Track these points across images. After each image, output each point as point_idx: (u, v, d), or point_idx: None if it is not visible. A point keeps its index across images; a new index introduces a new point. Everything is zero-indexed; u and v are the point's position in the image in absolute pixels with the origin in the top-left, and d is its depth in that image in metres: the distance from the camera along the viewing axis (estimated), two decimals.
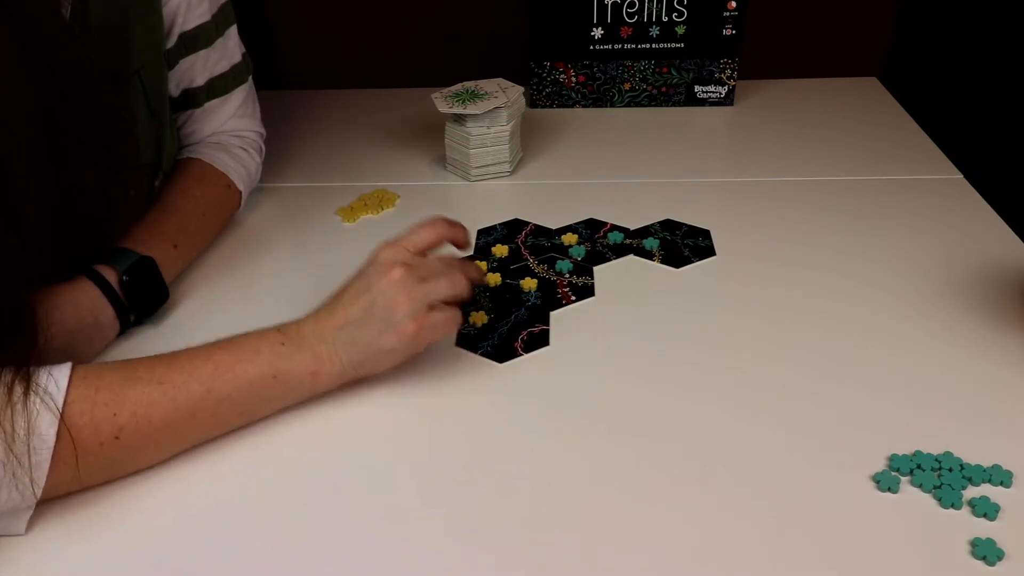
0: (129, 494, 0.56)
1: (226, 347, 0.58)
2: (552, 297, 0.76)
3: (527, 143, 1.03)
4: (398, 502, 0.56)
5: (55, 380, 0.52)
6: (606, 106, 1.14)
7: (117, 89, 0.70)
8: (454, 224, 0.66)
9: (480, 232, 0.86)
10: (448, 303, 0.62)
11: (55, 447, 0.51)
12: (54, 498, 0.54)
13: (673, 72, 1.11)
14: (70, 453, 0.52)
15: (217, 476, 0.58)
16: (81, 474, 0.53)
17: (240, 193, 0.86)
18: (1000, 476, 0.55)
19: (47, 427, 0.51)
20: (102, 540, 0.53)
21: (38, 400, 0.51)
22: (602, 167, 0.99)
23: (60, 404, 0.51)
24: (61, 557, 0.52)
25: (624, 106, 1.14)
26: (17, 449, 0.50)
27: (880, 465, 0.57)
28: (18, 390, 0.50)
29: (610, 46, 1.09)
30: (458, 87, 0.95)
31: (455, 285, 0.62)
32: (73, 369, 0.53)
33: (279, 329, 0.60)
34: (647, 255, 0.82)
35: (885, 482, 0.55)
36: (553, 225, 0.87)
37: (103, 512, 0.55)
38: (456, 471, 0.58)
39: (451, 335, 0.70)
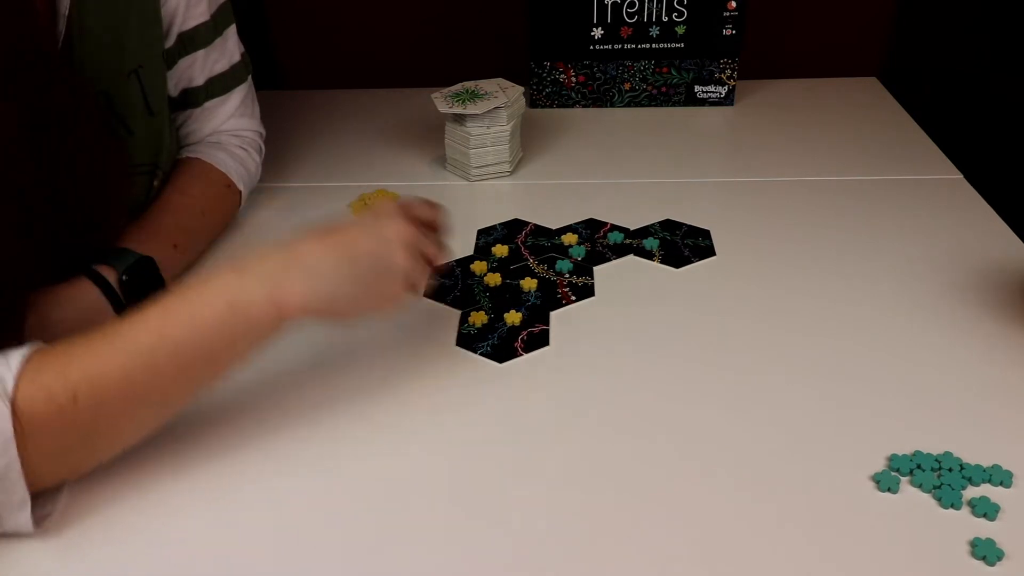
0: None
1: (176, 290, 0.55)
2: (552, 297, 0.76)
3: (527, 143, 1.03)
4: (398, 501, 0.56)
5: (7, 362, 0.49)
6: (606, 106, 1.14)
7: (107, 93, 0.70)
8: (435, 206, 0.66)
9: (480, 232, 0.86)
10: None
11: (13, 431, 0.47)
12: (59, 485, 0.54)
13: (673, 72, 1.11)
14: (31, 430, 0.48)
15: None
16: (58, 450, 0.50)
17: (240, 193, 0.86)
18: (1000, 476, 0.55)
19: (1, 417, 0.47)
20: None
21: None
22: (602, 167, 0.99)
23: (10, 383, 0.48)
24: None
25: (624, 106, 1.14)
26: None
27: (880, 465, 0.57)
28: None
29: (610, 46, 1.09)
30: (458, 87, 0.95)
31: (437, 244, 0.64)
32: (32, 347, 0.51)
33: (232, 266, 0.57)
34: (647, 255, 0.82)
35: (885, 482, 0.55)
36: (553, 225, 0.87)
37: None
38: (456, 471, 0.58)
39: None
